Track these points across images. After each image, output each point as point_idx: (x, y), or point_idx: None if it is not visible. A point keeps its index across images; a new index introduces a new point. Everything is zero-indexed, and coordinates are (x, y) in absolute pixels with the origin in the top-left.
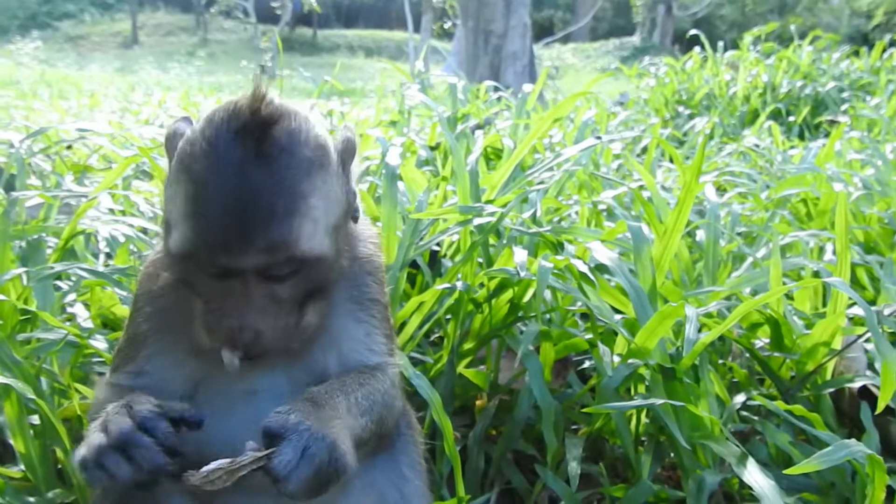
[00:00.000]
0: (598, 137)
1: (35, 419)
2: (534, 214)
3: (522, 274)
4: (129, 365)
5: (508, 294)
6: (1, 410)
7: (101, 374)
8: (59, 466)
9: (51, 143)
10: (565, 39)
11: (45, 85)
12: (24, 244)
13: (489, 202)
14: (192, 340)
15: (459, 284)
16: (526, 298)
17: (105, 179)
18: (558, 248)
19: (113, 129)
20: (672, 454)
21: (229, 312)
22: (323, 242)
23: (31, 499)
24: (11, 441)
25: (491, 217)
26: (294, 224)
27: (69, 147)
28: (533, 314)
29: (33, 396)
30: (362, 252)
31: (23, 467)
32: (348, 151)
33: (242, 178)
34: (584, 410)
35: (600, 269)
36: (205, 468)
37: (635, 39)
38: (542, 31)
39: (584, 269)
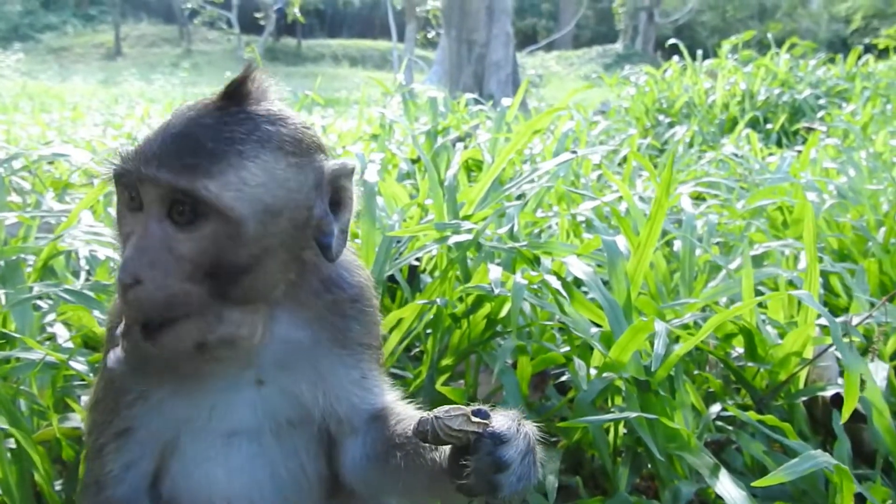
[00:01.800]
0: (574, 151)
1: (12, 442)
2: (511, 229)
3: (497, 290)
4: (112, 421)
5: (486, 309)
6: None
7: (80, 396)
8: (38, 490)
9: (29, 163)
10: (549, 47)
11: (27, 98)
12: (2, 264)
13: (467, 217)
14: (171, 364)
15: (438, 300)
16: (503, 313)
17: (84, 199)
18: (535, 262)
19: (87, 151)
20: (649, 465)
21: (125, 256)
22: (241, 206)
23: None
24: None
25: (468, 234)
26: (216, 166)
27: (51, 163)
28: (510, 329)
29: (5, 426)
30: (350, 293)
31: (0, 492)
32: (339, 177)
33: (196, 118)
34: (561, 424)
35: (577, 283)
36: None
37: (618, 47)
38: (526, 40)
39: (558, 284)
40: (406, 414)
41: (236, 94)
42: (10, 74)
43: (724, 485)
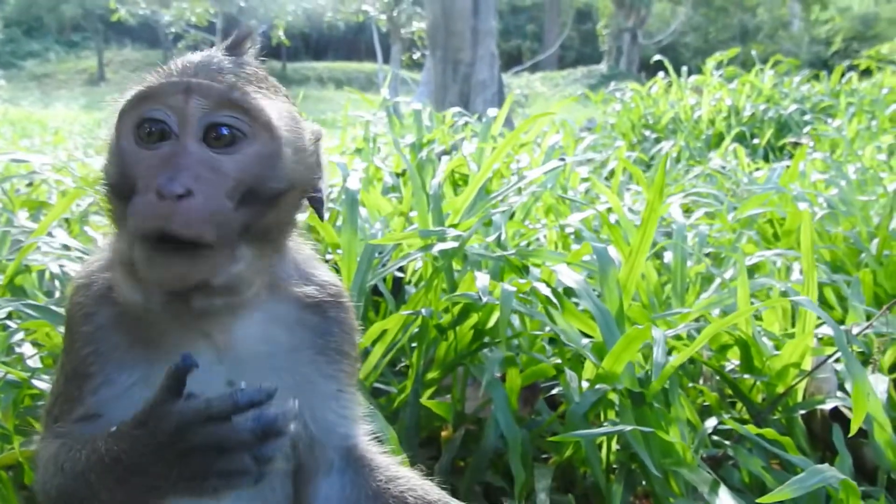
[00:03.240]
0: (563, 159)
1: None
2: (498, 238)
3: (485, 298)
4: (75, 409)
5: (473, 320)
6: None
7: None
8: None
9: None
10: (534, 68)
11: (9, 123)
12: None
13: (453, 226)
14: (140, 351)
15: (423, 310)
16: (491, 324)
17: (50, 213)
18: (523, 271)
19: (46, 160)
20: (644, 482)
21: (164, 172)
22: (283, 125)
23: None
24: None
25: (454, 242)
26: (254, 90)
27: (29, 184)
28: (498, 340)
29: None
30: (329, 290)
31: None
32: (318, 139)
33: (216, 56)
34: (552, 439)
35: (567, 292)
36: None
37: (602, 67)
38: (511, 61)
39: (548, 292)
40: (392, 470)
41: (239, 47)
42: None
43: (724, 502)
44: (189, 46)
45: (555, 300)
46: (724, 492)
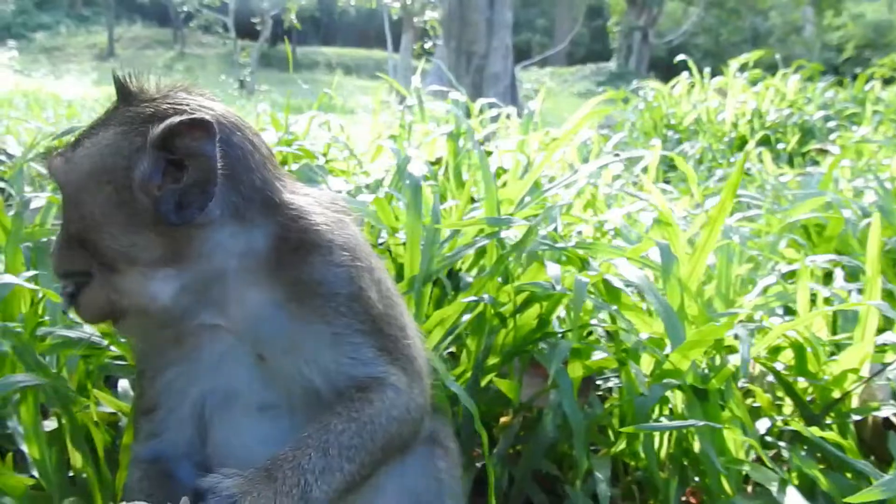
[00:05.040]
0: (617, 154)
1: (48, 425)
2: (555, 230)
3: (558, 287)
4: (142, 402)
5: (535, 309)
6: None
7: (109, 377)
8: (72, 475)
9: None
10: (543, 63)
11: (21, 95)
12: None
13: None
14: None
15: (486, 297)
16: (555, 314)
17: None
18: (584, 264)
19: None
20: (696, 479)
21: None
22: (65, 174)
23: None
24: (25, 447)
25: (517, 230)
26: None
27: None
28: (565, 329)
29: (71, 392)
30: (312, 239)
31: (36, 474)
32: (164, 137)
33: None
34: (623, 430)
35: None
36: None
37: (612, 65)
38: (520, 55)
39: (620, 284)
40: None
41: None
42: (3, 72)
43: (793, 500)
44: (201, 26)
45: (628, 292)
46: (791, 490)
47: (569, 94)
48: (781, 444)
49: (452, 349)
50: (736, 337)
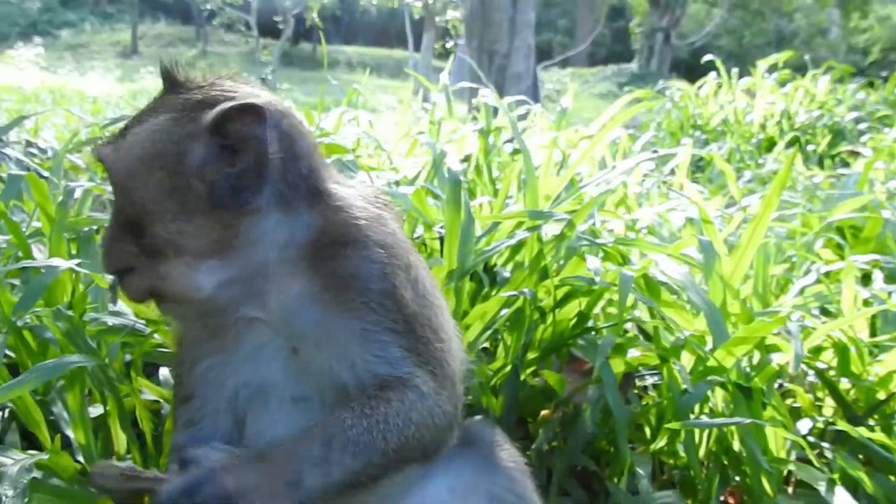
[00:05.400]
0: (655, 151)
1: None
2: (593, 225)
3: (598, 281)
4: (181, 391)
5: (574, 304)
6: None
7: (149, 365)
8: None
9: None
10: (563, 64)
11: (48, 91)
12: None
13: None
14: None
15: (526, 291)
16: (596, 309)
17: None
18: (624, 260)
19: None
20: (737, 478)
21: None
22: (120, 161)
23: (94, 489)
24: (71, 433)
25: (554, 226)
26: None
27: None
28: (602, 325)
29: (117, 377)
30: (350, 233)
31: (82, 459)
32: (218, 121)
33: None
34: (668, 427)
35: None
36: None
37: (633, 66)
38: (541, 55)
39: (665, 279)
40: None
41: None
42: (29, 68)
43: (841, 500)
44: (223, 24)
45: (673, 287)
46: (840, 490)
47: (589, 95)
48: (824, 444)
49: (486, 344)
50: (787, 333)
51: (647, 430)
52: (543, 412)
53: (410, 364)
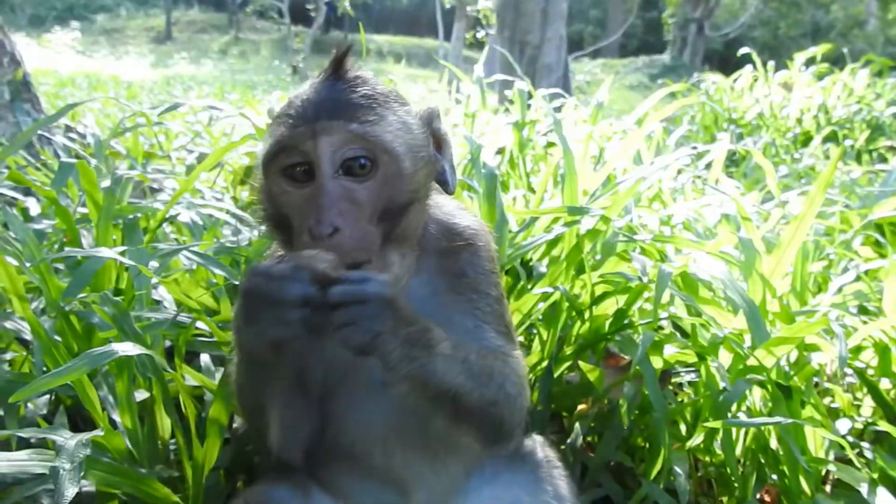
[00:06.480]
0: (694, 147)
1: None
2: (630, 221)
3: (644, 279)
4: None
5: (611, 300)
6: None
7: (189, 353)
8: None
9: (150, 122)
10: (594, 54)
11: (84, 76)
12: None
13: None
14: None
15: (561, 288)
16: (636, 306)
17: (205, 162)
18: (662, 257)
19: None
20: (774, 477)
21: (311, 215)
22: (399, 145)
23: (143, 469)
24: (118, 417)
25: (589, 221)
26: (370, 119)
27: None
28: (646, 321)
29: (162, 366)
30: (464, 236)
31: (128, 442)
32: (431, 117)
33: (323, 89)
34: (707, 425)
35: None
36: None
37: (665, 58)
38: (572, 46)
39: (706, 276)
40: None
41: (341, 68)
42: (66, 52)
43: (884, 500)
44: (255, 11)
45: (715, 284)
46: (882, 491)
47: (620, 87)
48: (864, 444)
49: (521, 339)
50: (828, 332)
51: (683, 428)
52: (580, 407)
53: (508, 348)
